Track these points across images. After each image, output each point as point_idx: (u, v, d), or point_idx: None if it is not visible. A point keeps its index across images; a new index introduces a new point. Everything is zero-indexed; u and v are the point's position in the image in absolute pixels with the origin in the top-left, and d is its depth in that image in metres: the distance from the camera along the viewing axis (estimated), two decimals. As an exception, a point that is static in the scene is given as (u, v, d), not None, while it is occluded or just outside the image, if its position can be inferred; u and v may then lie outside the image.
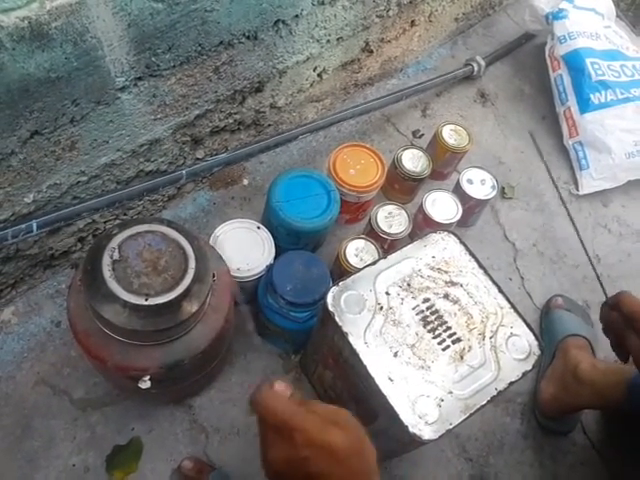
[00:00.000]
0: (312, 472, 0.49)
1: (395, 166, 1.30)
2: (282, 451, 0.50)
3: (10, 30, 0.71)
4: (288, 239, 1.11)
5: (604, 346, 1.27)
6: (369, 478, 0.52)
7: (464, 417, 0.79)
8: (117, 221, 1.15)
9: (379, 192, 1.30)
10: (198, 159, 1.20)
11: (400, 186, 1.34)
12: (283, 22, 1.09)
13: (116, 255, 0.76)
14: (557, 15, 1.61)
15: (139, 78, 0.93)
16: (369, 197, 1.25)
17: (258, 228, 1.09)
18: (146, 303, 0.73)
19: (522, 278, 1.36)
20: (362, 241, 1.15)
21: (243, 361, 1.13)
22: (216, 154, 1.21)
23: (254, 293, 1.08)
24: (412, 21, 1.48)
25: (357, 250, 1.13)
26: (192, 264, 0.78)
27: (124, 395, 1.04)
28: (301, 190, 1.12)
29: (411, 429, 0.76)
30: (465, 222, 1.32)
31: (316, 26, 1.18)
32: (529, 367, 0.85)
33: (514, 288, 1.33)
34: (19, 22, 0.71)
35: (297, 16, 1.11)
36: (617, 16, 1.80)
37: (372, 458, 0.53)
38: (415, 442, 0.78)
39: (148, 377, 0.82)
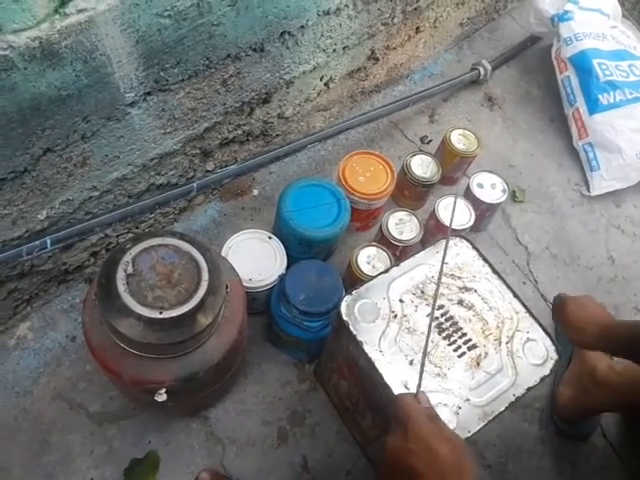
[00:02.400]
0: (412, 465, 0.56)
1: (404, 172, 1.30)
2: (396, 439, 0.60)
3: (21, 50, 0.72)
4: (299, 248, 1.11)
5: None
6: None
7: (482, 424, 0.78)
8: (129, 235, 1.15)
9: (389, 199, 1.30)
10: (208, 171, 1.21)
11: (410, 192, 1.34)
12: (289, 33, 1.10)
13: (130, 269, 0.76)
14: (562, 17, 1.60)
15: (148, 93, 0.94)
16: (379, 204, 1.25)
17: (269, 238, 1.09)
18: (160, 316, 0.74)
19: (536, 281, 1.34)
20: (374, 248, 1.15)
21: (257, 371, 1.13)
22: (226, 166, 1.22)
23: (267, 303, 1.08)
24: (417, 28, 1.49)
25: (369, 258, 1.13)
26: (205, 276, 0.78)
27: (140, 408, 1.04)
28: (311, 199, 1.12)
29: (429, 438, 0.76)
30: (477, 227, 1.32)
31: (322, 36, 1.19)
32: (547, 372, 0.84)
33: (528, 292, 1.32)
34: (30, 42, 0.73)
35: (303, 27, 1.11)
36: (623, 16, 1.79)
37: (468, 477, 0.58)
38: (433, 451, 0.77)
39: (164, 390, 0.82)
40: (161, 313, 0.74)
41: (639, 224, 1.50)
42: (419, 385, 0.69)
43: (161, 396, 0.82)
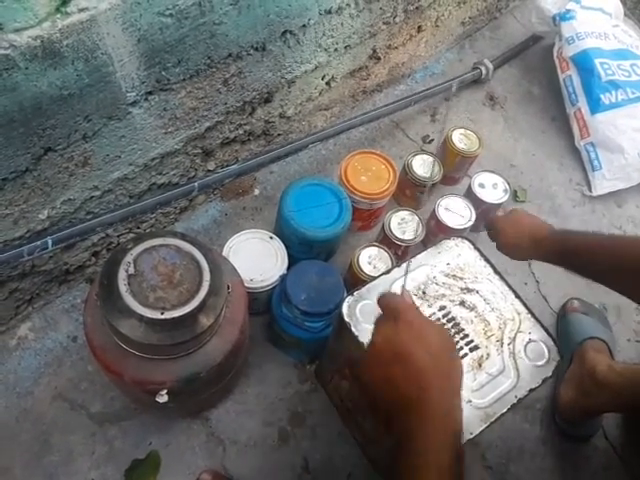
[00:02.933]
0: (402, 345, 0.56)
1: (406, 172, 1.30)
2: (387, 327, 0.58)
3: (23, 49, 0.72)
4: (301, 248, 1.10)
5: (623, 348, 1.26)
6: (450, 385, 0.57)
7: (484, 426, 0.78)
8: (130, 234, 1.15)
9: (390, 198, 1.30)
10: (209, 171, 1.21)
11: (411, 192, 1.34)
12: (291, 32, 1.09)
13: (131, 269, 0.76)
14: (564, 16, 1.60)
15: (150, 92, 0.94)
16: (381, 204, 1.25)
17: (271, 238, 1.09)
18: (162, 317, 0.73)
19: (537, 282, 1.34)
20: (375, 249, 1.14)
21: (258, 372, 1.13)
22: (227, 165, 1.22)
23: (268, 303, 1.08)
24: (419, 27, 1.48)
25: (370, 258, 1.13)
26: (207, 277, 0.78)
27: (141, 409, 1.04)
28: (312, 199, 1.12)
29: (431, 439, 0.75)
30: (478, 227, 1.31)
31: (323, 35, 1.18)
32: (549, 373, 0.84)
33: (529, 292, 1.32)
34: (32, 41, 0.72)
35: (304, 26, 1.11)
36: (625, 15, 1.79)
37: (457, 370, 0.58)
38: (435, 452, 0.77)
39: (165, 391, 0.82)
40: (163, 314, 0.73)
41: (641, 224, 1.50)
42: (404, 286, 0.70)
43: (162, 397, 0.82)
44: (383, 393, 0.56)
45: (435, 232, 1.26)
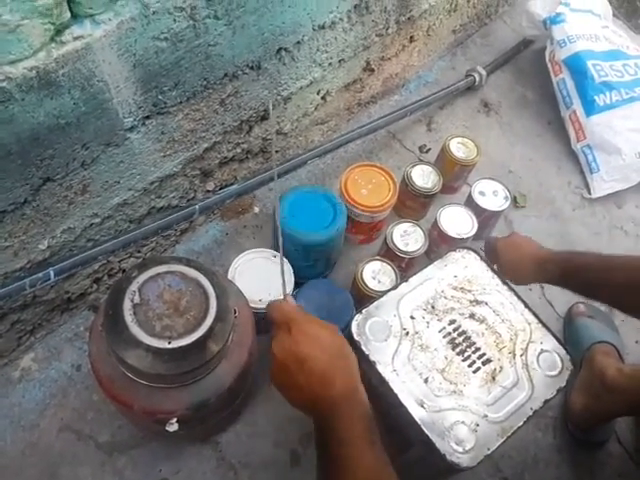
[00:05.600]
0: (301, 352, 0.60)
1: (406, 183, 1.29)
2: (283, 339, 0.62)
3: (19, 81, 0.71)
4: (297, 255, 1.09)
5: (631, 351, 1.25)
6: (350, 374, 0.62)
7: (501, 441, 0.77)
8: (131, 259, 1.14)
9: (391, 210, 1.29)
10: (208, 191, 1.20)
11: (412, 203, 1.33)
12: (285, 50, 1.09)
13: (137, 298, 0.75)
14: (555, 19, 1.60)
15: (147, 117, 0.93)
16: (382, 216, 1.24)
17: (275, 257, 1.08)
18: (169, 346, 0.72)
19: (542, 287, 1.33)
20: (378, 263, 1.13)
21: (267, 393, 1.11)
22: (226, 184, 1.21)
23: (275, 323, 1.07)
24: (411, 37, 1.49)
25: (374, 272, 1.12)
26: (213, 303, 0.77)
27: (150, 436, 1.02)
28: (306, 205, 1.12)
29: (449, 457, 0.74)
30: (480, 235, 1.31)
31: (317, 50, 1.18)
32: (563, 383, 0.83)
33: (535, 298, 1.31)
34: (27, 72, 0.71)
35: (299, 42, 1.11)
36: (614, 15, 1.80)
37: (352, 360, 0.64)
38: (453, 470, 0.76)
39: (175, 420, 0.81)
40: (170, 343, 0.72)
41: (642, 224, 1.49)
42: (284, 290, 0.71)
43: (172, 426, 0.81)
44: (294, 398, 0.63)
45: (438, 242, 1.26)
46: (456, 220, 1.24)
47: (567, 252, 1.01)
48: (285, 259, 1.09)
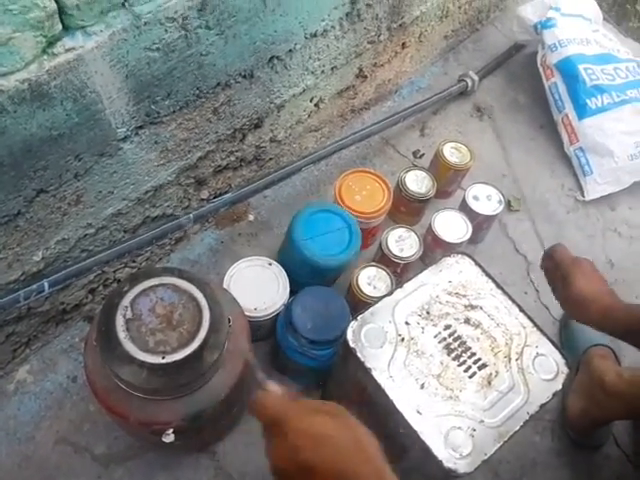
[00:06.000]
0: (305, 461, 0.48)
1: (400, 189, 1.29)
2: (278, 446, 0.50)
3: (11, 93, 0.71)
4: (311, 276, 1.09)
5: (628, 353, 1.25)
6: (375, 468, 0.50)
7: (498, 446, 0.77)
8: (126, 269, 1.14)
9: (385, 216, 1.29)
10: (203, 199, 1.20)
11: (406, 208, 1.33)
12: (277, 58, 1.09)
13: (129, 314, 0.74)
14: (546, 24, 1.61)
15: (140, 127, 0.93)
16: (377, 222, 1.25)
17: (270, 265, 1.08)
18: (163, 361, 0.72)
19: (537, 291, 1.34)
20: (373, 269, 1.13)
21: (264, 400, 1.11)
22: (220, 193, 1.21)
23: (271, 329, 1.07)
24: (403, 43, 1.49)
25: (369, 278, 1.12)
26: (206, 314, 0.77)
27: (146, 447, 1.02)
28: (322, 226, 1.11)
29: (446, 464, 0.74)
30: (474, 239, 1.31)
31: (310, 58, 1.19)
32: (558, 387, 0.83)
33: (530, 302, 1.31)
34: (19, 85, 0.72)
35: (291, 50, 1.11)
36: (604, 19, 1.81)
37: (372, 447, 0.51)
38: (450, 476, 0.76)
39: (171, 430, 0.80)
40: (164, 358, 0.72)
41: (635, 226, 1.50)
42: (261, 376, 0.60)
43: (169, 437, 0.81)
44: None
45: (432, 247, 1.26)
46: (450, 225, 1.25)
47: (637, 305, 0.88)
48: (281, 267, 1.09)
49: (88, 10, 0.73)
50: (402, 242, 1.20)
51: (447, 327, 0.86)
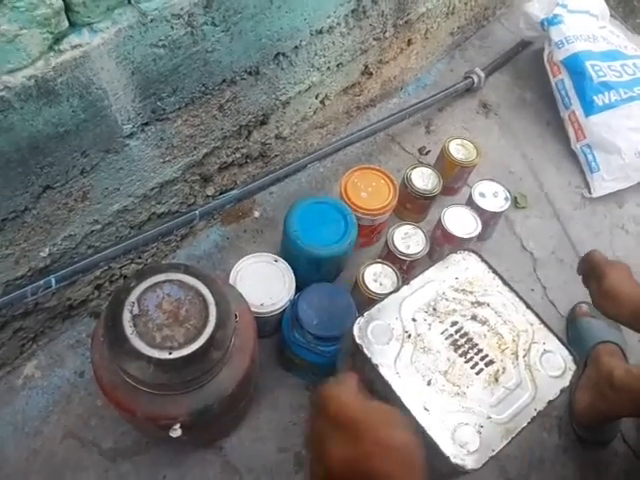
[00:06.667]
0: (373, 469, 0.48)
1: (405, 186, 1.29)
2: (345, 447, 0.49)
3: (17, 90, 0.71)
4: (308, 267, 1.09)
5: (635, 350, 1.25)
6: (414, 467, 0.51)
7: (506, 442, 0.77)
8: (132, 265, 1.14)
9: (391, 213, 1.29)
10: (208, 196, 1.20)
11: (412, 205, 1.33)
12: (283, 54, 1.09)
13: (136, 310, 0.74)
14: (552, 21, 1.61)
15: (146, 123, 0.93)
16: (383, 219, 1.24)
17: (276, 261, 1.08)
18: (170, 357, 0.72)
19: (544, 288, 1.33)
20: (379, 265, 1.13)
21: (270, 396, 1.11)
22: (225, 189, 1.21)
23: (278, 325, 1.07)
24: (409, 40, 1.49)
25: (375, 275, 1.12)
26: (213, 310, 0.77)
27: (153, 442, 1.02)
28: (317, 217, 1.11)
29: (453, 460, 0.74)
30: (481, 236, 1.30)
31: (315, 55, 1.18)
32: (566, 383, 0.83)
33: (537, 299, 1.31)
34: (26, 81, 0.72)
35: (296, 47, 1.11)
36: (611, 15, 1.80)
37: (423, 462, 0.51)
38: (457, 473, 0.75)
39: (178, 425, 0.80)
40: (171, 353, 0.72)
41: (643, 223, 1.49)
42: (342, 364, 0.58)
43: (176, 431, 0.81)
44: None
45: (441, 242, 1.26)
46: (460, 220, 1.24)
47: None
48: (287, 264, 1.09)
49: (94, 7, 0.74)
50: (408, 239, 1.20)
51: (454, 324, 0.86)
